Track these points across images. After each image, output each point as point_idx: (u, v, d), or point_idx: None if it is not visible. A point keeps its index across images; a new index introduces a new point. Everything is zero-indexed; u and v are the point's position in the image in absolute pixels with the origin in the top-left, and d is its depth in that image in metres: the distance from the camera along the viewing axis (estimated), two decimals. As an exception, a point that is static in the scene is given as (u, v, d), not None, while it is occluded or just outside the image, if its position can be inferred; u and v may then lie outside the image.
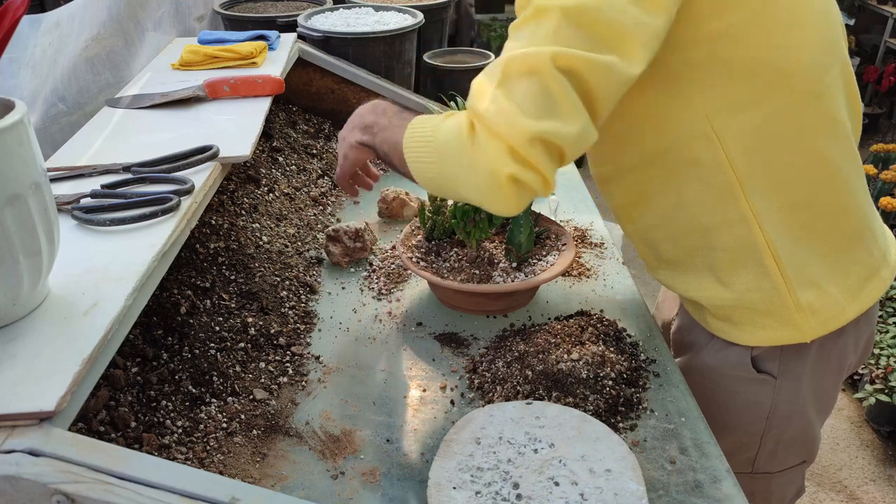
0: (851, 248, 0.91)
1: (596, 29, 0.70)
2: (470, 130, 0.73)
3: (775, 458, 1.02)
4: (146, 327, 0.94)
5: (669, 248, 0.96)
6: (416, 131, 0.81)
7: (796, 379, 0.96)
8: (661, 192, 0.90)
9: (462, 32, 4.73)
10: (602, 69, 0.70)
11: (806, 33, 0.81)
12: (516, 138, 0.69)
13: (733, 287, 0.91)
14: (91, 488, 0.57)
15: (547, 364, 0.92)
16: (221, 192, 1.25)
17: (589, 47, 0.70)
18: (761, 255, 0.87)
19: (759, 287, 0.89)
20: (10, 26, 0.63)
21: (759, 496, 1.05)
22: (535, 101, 0.69)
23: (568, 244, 1.14)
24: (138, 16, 1.39)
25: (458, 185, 0.77)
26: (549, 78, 0.69)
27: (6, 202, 0.61)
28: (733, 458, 1.01)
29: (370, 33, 1.61)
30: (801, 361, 0.94)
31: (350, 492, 0.80)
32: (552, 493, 0.74)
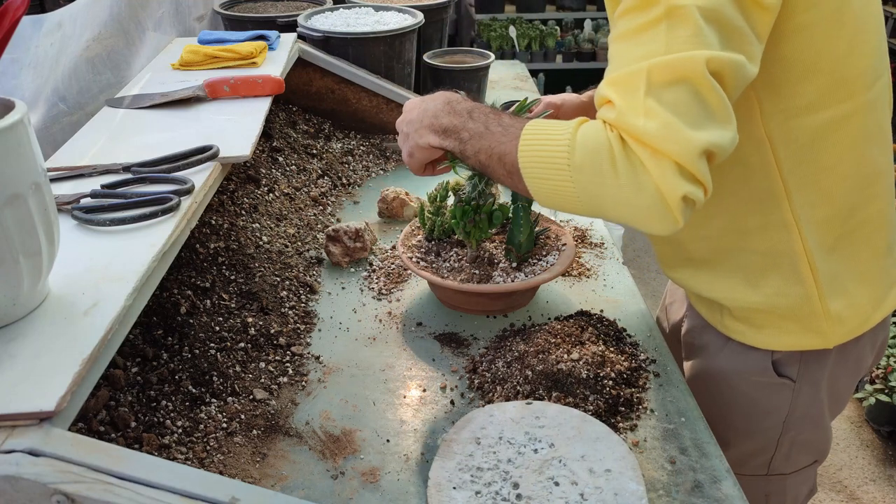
0: (885, 257, 0.91)
1: (729, 29, 0.67)
2: (623, 148, 0.68)
3: (790, 460, 1.02)
4: (146, 327, 0.94)
5: (700, 247, 0.94)
6: (539, 147, 0.74)
7: (815, 383, 0.95)
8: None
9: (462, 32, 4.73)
10: (740, 70, 0.68)
11: (868, 39, 0.80)
12: (685, 155, 0.65)
13: (762, 290, 0.89)
14: (91, 488, 0.57)
15: (547, 364, 0.92)
16: (221, 192, 1.25)
17: (723, 47, 0.67)
18: (796, 261, 0.86)
19: (789, 292, 0.88)
20: (11, 26, 0.63)
21: (774, 498, 1.04)
22: (693, 109, 0.66)
23: (568, 244, 1.14)
24: (139, 16, 1.39)
25: (607, 206, 0.71)
26: (702, 84, 0.66)
27: (6, 202, 0.61)
28: (749, 462, 1.01)
29: (370, 33, 1.61)
30: (821, 366, 0.94)
31: (350, 492, 0.80)
32: (552, 493, 0.74)
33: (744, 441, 1.00)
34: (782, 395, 0.96)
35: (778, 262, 0.87)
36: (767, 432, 0.99)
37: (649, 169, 0.66)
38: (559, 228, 1.18)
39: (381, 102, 1.66)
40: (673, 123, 0.65)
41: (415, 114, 0.88)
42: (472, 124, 0.81)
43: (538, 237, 1.15)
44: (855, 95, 0.80)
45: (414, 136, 0.88)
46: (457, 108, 0.84)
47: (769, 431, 0.99)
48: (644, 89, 0.66)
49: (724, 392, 0.99)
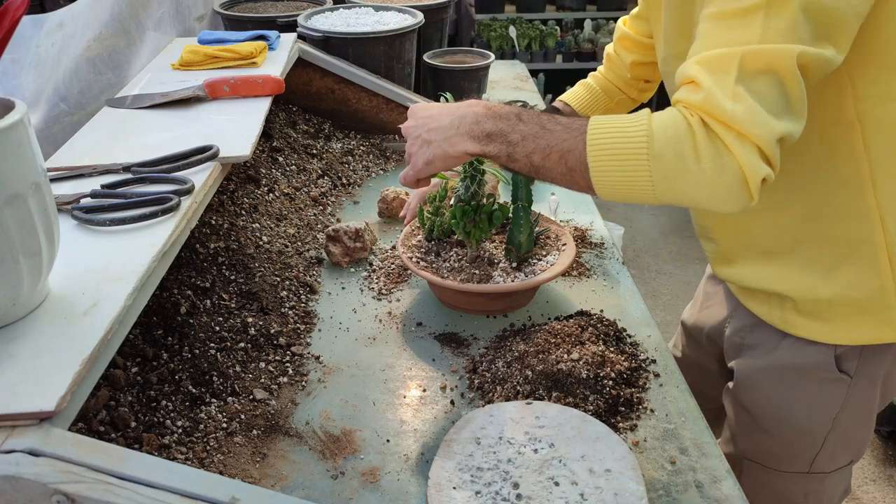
0: None
1: (825, 21, 0.68)
2: (706, 132, 0.70)
3: (833, 458, 1.01)
4: (146, 327, 0.94)
5: (772, 237, 0.92)
6: (612, 141, 0.75)
7: (872, 378, 0.95)
8: (784, 176, 0.81)
9: (462, 32, 4.73)
10: (826, 65, 0.70)
11: None
12: (766, 139, 0.68)
13: (835, 281, 0.89)
14: (91, 488, 0.57)
15: (547, 364, 0.92)
16: (221, 192, 1.25)
17: (814, 41, 0.68)
18: (875, 252, 0.85)
19: (864, 284, 0.87)
20: (11, 26, 0.63)
21: (812, 497, 1.04)
22: (776, 99, 0.69)
23: (568, 244, 1.14)
24: (139, 16, 1.39)
25: (684, 190, 0.73)
26: (789, 77, 0.68)
27: (6, 202, 0.61)
28: (793, 459, 1.01)
29: (370, 33, 1.61)
30: (880, 360, 0.94)
31: (350, 492, 0.80)
32: (552, 493, 0.74)
33: (791, 437, 1.00)
34: (838, 391, 0.95)
35: (855, 252, 0.86)
36: (816, 428, 0.98)
37: (733, 151, 0.69)
38: (559, 228, 1.18)
39: (381, 102, 1.66)
40: (757, 109, 0.68)
41: (445, 121, 0.85)
42: (524, 126, 0.80)
43: (538, 237, 1.15)
44: None
45: (442, 144, 0.85)
46: (500, 112, 0.83)
47: (818, 428, 0.98)
48: (735, 74, 0.69)
49: (776, 389, 0.99)
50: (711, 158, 0.70)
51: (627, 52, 1.22)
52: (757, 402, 1.00)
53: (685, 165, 0.71)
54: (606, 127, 0.76)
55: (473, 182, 1.06)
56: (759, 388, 1.00)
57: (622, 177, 0.75)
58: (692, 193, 0.73)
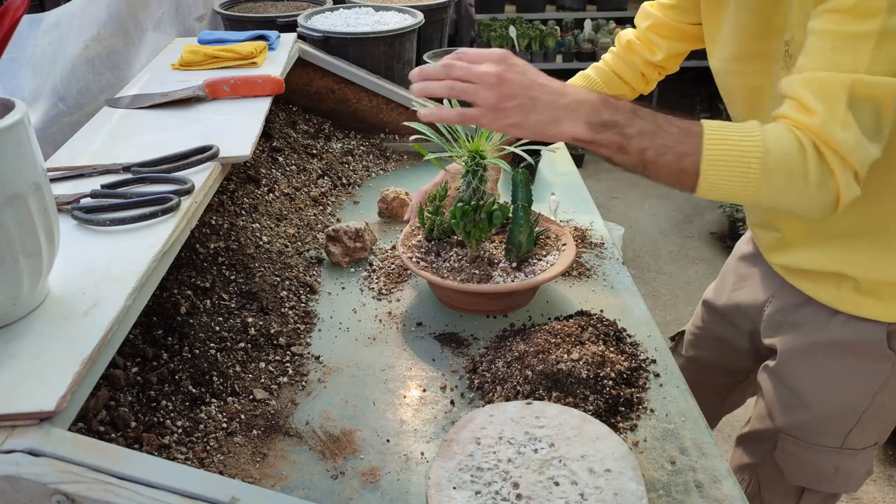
0: None
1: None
2: (817, 156, 0.76)
3: (864, 435, 1.03)
4: (146, 327, 0.94)
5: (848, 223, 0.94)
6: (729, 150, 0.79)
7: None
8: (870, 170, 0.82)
9: (462, 32, 4.73)
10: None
11: None
12: (863, 165, 0.76)
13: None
14: (91, 488, 0.57)
15: (547, 364, 0.92)
16: (221, 192, 1.25)
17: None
18: None
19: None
20: (11, 26, 0.63)
21: (842, 474, 1.05)
22: (874, 127, 0.75)
23: (568, 244, 1.14)
24: (138, 16, 1.39)
25: (783, 201, 0.80)
26: (888, 109, 0.74)
27: (6, 202, 0.61)
28: (826, 431, 1.03)
29: (370, 33, 1.61)
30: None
31: (350, 492, 0.80)
32: (552, 493, 0.74)
33: (830, 412, 1.02)
34: (883, 368, 0.98)
35: None
36: (856, 404, 1.01)
37: (836, 174, 0.76)
38: (559, 228, 1.18)
39: (381, 102, 1.66)
40: (861, 139, 0.74)
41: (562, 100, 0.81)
42: (641, 122, 0.82)
43: (538, 237, 1.15)
44: None
45: (546, 119, 0.81)
46: (617, 104, 0.83)
47: (858, 403, 1.00)
48: (846, 102, 0.73)
49: (823, 365, 1.01)
50: (817, 179, 0.76)
51: (663, 40, 1.19)
52: (801, 378, 1.02)
53: (794, 183, 0.77)
54: (723, 136, 0.79)
55: (475, 177, 1.06)
56: (804, 364, 1.02)
57: (730, 184, 0.79)
58: (790, 204, 0.80)
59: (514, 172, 1.09)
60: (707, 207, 3.91)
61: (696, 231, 3.72)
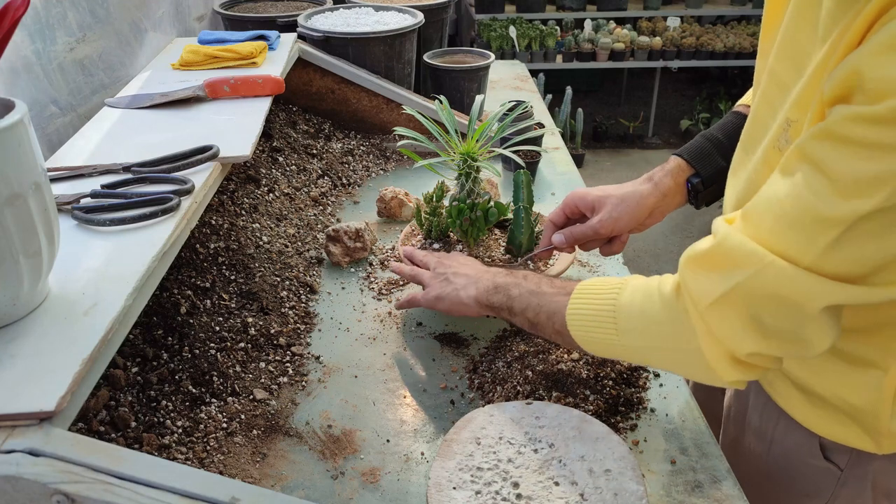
0: None
1: None
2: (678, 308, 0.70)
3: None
4: (146, 327, 0.94)
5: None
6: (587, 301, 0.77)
7: (863, 477, 0.86)
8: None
9: (462, 32, 4.73)
10: None
11: None
12: (750, 356, 0.67)
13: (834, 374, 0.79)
14: (91, 488, 0.57)
15: (547, 364, 0.92)
16: (221, 192, 1.25)
17: None
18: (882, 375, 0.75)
19: (860, 392, 0.77)
20: (11, 26, 0.63)
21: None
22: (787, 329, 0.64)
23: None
24: (134, 16, 1.38)
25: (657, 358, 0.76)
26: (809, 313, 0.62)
27: (6, 202, 0.61)
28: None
29: (370, 33, 1.61)
30: (872, 461, 0.84)
31: (350, 492, 0.80)
32: (552, 493, 0.74)
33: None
34: (826, 481, 0.86)
35: (868, 367, 0.76)
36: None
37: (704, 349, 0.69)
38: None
39: (381, 102, 1.66)
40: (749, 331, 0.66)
41: (472, 272, 0.95)
42: (524, 283, 0.86)
43: (539, 237, 1.15)
44: None
45: (458, 289, 0.94)
46: (513, 272, 0.90)
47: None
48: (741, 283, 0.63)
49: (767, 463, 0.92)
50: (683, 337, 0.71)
51: None
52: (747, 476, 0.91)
53: (653, 339, 0.73)
54: (586, 292, 0.77)
55: (468, 180, 1.07)
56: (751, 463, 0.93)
57: (599, 339, 0.76)
58: (665, 365, 0.77)
59: (515, 174, 1.09)
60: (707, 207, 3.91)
61: (696, 231, 3.72)
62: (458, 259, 1.00)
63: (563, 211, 1.04)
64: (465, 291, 0.92)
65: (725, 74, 5.79)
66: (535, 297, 0.83)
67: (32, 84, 1.06)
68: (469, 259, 1.01)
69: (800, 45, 0.69)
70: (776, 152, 0.72)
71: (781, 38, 0.73)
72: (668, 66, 4.69)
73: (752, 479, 0.92)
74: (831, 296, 0.58)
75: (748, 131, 0.82)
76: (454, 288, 0.94)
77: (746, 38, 4.73)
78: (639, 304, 0.72)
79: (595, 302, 0.76)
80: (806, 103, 0.66)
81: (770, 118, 0.76)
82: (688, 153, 0.99)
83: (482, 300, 0.90)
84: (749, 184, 0.79)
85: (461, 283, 0.94)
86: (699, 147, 0.99)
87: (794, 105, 0.68)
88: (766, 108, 0.77)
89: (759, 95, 0.79)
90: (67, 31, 1.15)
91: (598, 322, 0.76)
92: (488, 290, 0.90)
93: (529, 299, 0.84)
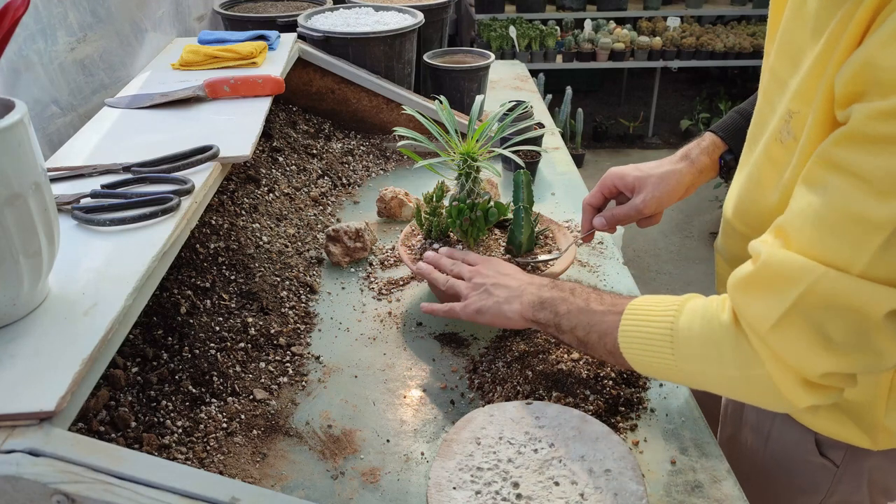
0: None
1: None
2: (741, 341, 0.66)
3: None
4: (146, 327, 0.94)
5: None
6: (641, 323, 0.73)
7: (858, 473, 0.88)
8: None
9: (462, 32, 4.73)
10: None
11: None
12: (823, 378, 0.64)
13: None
14: (91, 488, 0.57)
15: (547, 364, 0.92)
16: (221, 192, 1.25)
17: None
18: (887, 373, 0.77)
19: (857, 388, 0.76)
20: (11, 26, 0.63)
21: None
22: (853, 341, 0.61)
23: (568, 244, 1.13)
24: (134, 16, 1.38)
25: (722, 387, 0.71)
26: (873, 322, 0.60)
27: (6, 202, 0.61)
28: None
29: (370, 33, 1.61)
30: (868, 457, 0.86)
31: (350, 492, 0.80)
32: (552, 492, 0.74)
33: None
34: (823, 477, 0.88)
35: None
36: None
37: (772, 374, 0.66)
38: (559, 228, 1.18)
39: (381, 102, 1.66)
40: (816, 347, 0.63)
41: (514, 283, 0.90)
42: (573, 299, 0.82)
43: (538, 237, 1.15)
44: None
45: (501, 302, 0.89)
46: (560, 285, 0.86)
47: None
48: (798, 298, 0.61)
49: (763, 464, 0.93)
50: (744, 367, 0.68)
51: None
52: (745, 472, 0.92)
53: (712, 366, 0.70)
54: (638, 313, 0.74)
55: (468, 180, 1.07)
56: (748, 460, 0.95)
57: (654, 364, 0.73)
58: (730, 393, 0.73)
59: (515, 174, 1.09)
60: (707, 207, 3.91)
61: (696, 231, 3.72)
62: (494, 266, 0.95)
63: (600, 192, 1.04)
64: (509, 305, 0.88)
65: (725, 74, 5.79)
66: (584, 316, 0.79)
67: (33, 84, 1.06)
68: (506, 266, 0.96)
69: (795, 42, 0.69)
70: (777, 144, 0.72)
71: (780, 36, 0.74)
72: (668, 66, 4.69)
73: (749, 475, 0.93)
74: (892, 300, 0.56)
75: (752, 130, 0.83)
76: (496, 301, 0.89)
77: (746, 38, 4.73)
78: (698, 329, 0.69)
79: (649, 324, 0.73)
80: (807, 95, 0.65)
81: (770, 115, 0.76)
82: (722, 130, 1.01)
83: (527, 315, 0.86)
84: (749, 178, 0.80)
85: (503, 295, 0.89)
86: (733, 123, 1.00)
87: (795, 97, 0.68)
88: (767, 106, 0.77)
89: (762, 94, 0.80)
90: (68, 31, 1.15)
91: (653, 346, 0.72)
92: (533, 304, 0.85)
93: (579, 317, 0.80)
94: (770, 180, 0.75)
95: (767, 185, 0.76)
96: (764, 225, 0.72)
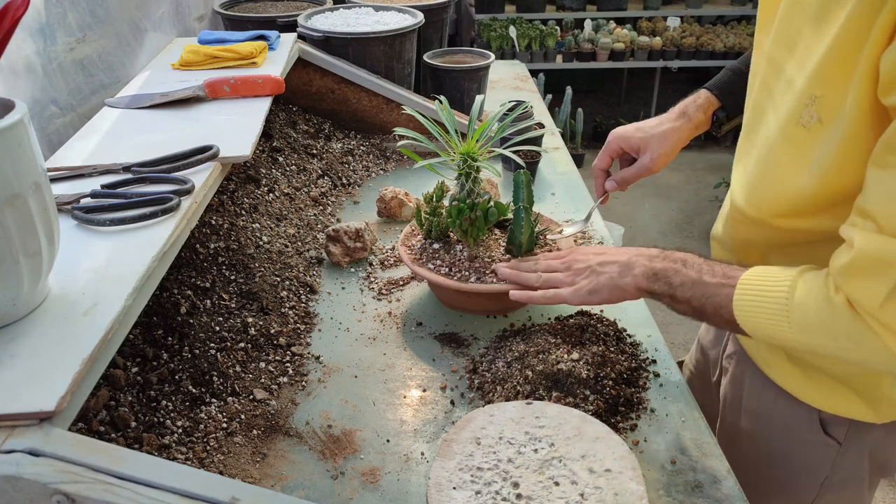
0: None
1: None
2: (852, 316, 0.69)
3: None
4: (146, 327, 0.94)
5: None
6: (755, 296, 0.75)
7: (860, 450, 0.91)
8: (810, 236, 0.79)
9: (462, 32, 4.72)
10: None
11: None
12: None
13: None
14: (91, 488, 0.57)
15: (547, 364, 0.92)
16: (221, 192, 1.25)
17: None
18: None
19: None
20: (11, 26, 0.63)
21: None
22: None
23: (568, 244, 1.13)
24: (134, 17, 1.38)
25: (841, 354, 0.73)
26: None
27: (6, 202, 0.61)
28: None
29: (370, 33, 1.61)
30: (870, 432, 0.89)
31: (350, 492, 0.80)
32: (552, 492, 0.74)
33: (777, 498, 0.97)
34: (826, 456, 0.91)
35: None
36: (803, 491, 0.95)
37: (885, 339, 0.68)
38: (559, 228, 1.18)
39: (381, 102, 1.66)
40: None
41: (622, 258, 0.91)
42: (686, 272, 0.83)
43: (538, 237, 1.15)
44: None
45: (614, 277, 0.89)
46: (669, 255, 0.87)
47: (805, 490, 0.94)
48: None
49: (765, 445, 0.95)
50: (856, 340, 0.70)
51: None
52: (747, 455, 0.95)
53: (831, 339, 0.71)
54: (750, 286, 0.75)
55: (468, 180, 1.07)
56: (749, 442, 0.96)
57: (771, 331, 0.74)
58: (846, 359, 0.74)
59: (515, 174, 1.09)
60: (707, 207, 3.91)
61: (696, 231, 3.72)
62: (590, 250, 0.97)
63: (607, 155, 1.09)
64: (622, 279, 0.89)
65: (725, 74, 5.78)
66: (698, 288, 0.81)
67: (32, 84, 1.06)
68: (599, 247, 0.95)
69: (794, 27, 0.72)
70: (799, 128, 0.74)
71: (778, 24, 0.77)
72: (668, 66, 4.69)
73: (750, 462, 0.95)
74: None
75: (749, 115, 0.86)
76: (609, 277, 0.90)
77: (746, 38, 4.72)
78: (813, 306, 0.71)
79: (766, 300, 0.74)
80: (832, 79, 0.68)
81: (768, 101, 0.79)
82: (717, 88, 1.06)
83: (643, 286, 0.87)
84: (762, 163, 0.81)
85: (615, 270, 0.90)
86: (728, 81, 1.06)
87: (816, 81, 0.69)
88: (765, 94, 0.80)
89: (759, 83, 0.83)
90: (67, 32, 1.15)
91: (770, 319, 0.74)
92: (647, 276, 0.86)
93: (693, 290, 0.81)
94: (793, 164, 0.76)
95: (790, 169, 0.77)
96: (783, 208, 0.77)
